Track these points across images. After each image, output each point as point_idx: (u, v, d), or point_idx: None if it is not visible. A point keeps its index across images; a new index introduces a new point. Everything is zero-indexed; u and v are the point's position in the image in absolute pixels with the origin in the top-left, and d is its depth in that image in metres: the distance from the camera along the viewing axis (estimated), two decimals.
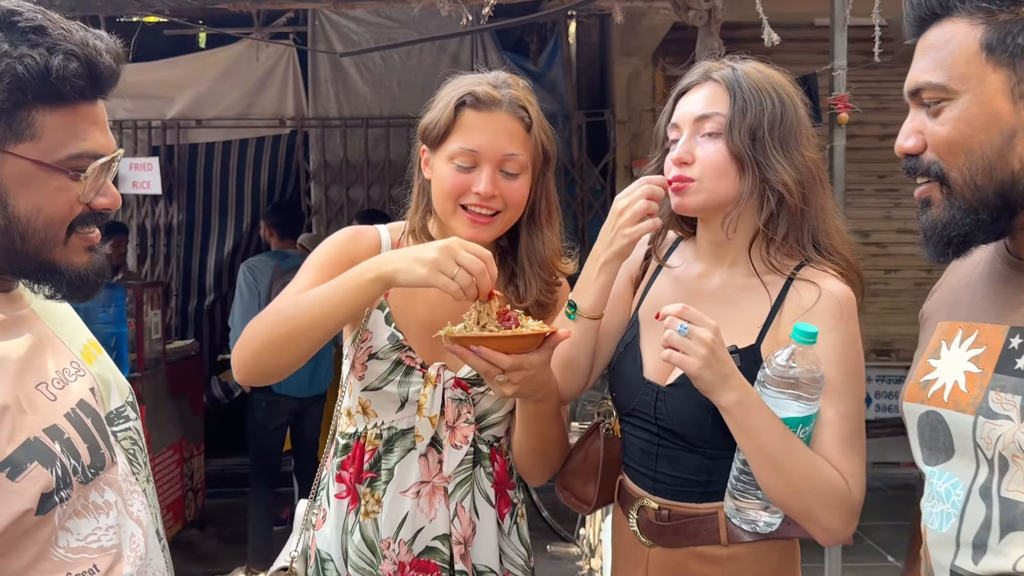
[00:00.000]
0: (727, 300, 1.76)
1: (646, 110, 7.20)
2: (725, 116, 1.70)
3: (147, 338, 5.46)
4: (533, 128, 1.82)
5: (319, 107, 7.47)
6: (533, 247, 1.89)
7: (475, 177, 1.77)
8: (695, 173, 1.71)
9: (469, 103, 1.79)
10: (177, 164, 7.65)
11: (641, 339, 1.83)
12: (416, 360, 1.85)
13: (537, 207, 1.89)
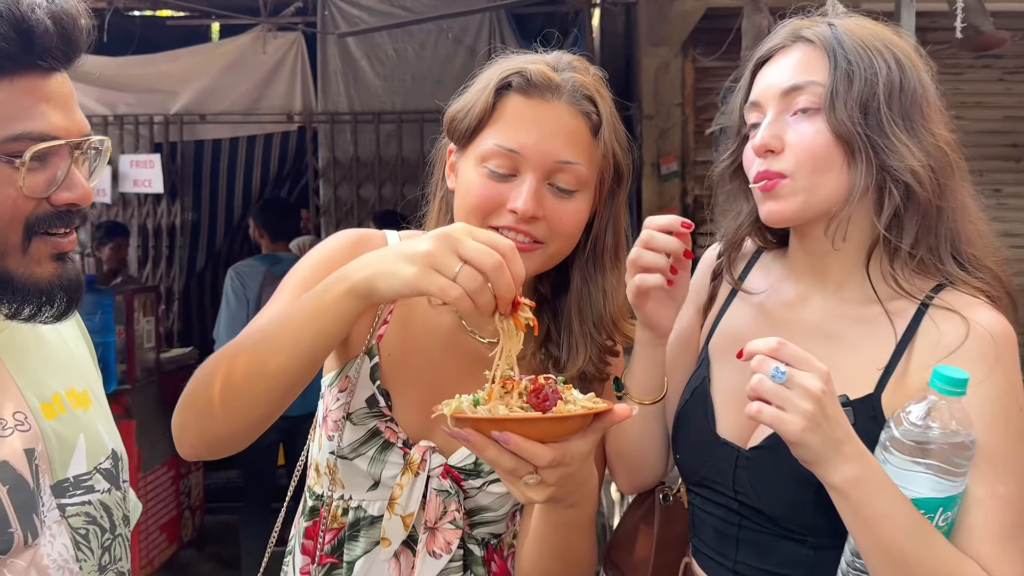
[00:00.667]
0: (833, 336, 1.35)
1: (675, 104, 6.79)
2: (824, 85, 1.29)
3: (139, 347, 5.10)
4: (603, 130, 1.38)
5: (329, 102, 7.14)
6: (589, 298, 1.42)
7: (513, 189, 1.33)
8: (787, 165, 1.30)
9: (516, 85, 1.35)
10: (180, 162, 7.35)
11: (712, 384, 1.42)
12: (399, 435, 1.42)
13: (600, 243, 1.44)
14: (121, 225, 6.88)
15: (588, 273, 1.43)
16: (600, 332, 1.42)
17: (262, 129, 7.38)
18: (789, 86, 1.33)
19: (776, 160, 1.32)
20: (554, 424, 1.08)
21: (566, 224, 1.36)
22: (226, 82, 7.16)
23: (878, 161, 1.28)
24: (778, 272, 1.48)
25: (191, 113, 7.22)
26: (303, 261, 1.46)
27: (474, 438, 1.09)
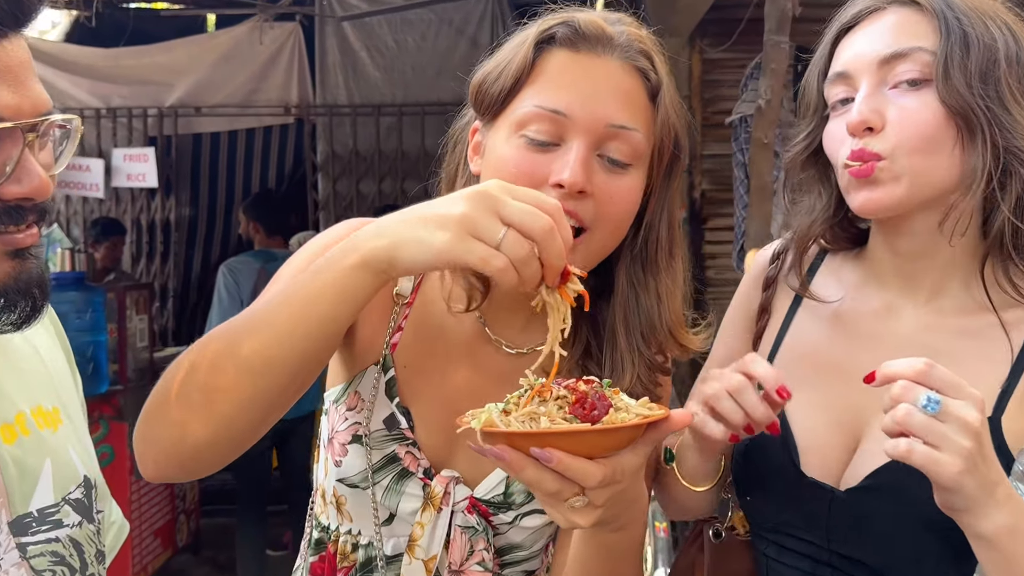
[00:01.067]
0: (933, 350, 1.14)
1: (682, 95, 6.54)
2: (933, 52, 1.12)
3: (131, 346, 4.92)
4: (662, 94, 1.16)
5: (327, 94, 7.00)
6: (637, 305, 1.18)
7: (556, 160, 1.11)
8: (887, 145, 1.12)
9: (562, 38, 1.14)
10: (175, 156, 7.22)
11: (788, 411, 1.22)
12: (419, 462, 1.22)
13: (653, 235, 1.20)
14: (117, 222, 6.71)
15: (636, 274, 1.20)
16: (650, 346, 1.19)
17: (259, 122, 7.22)
18: (889, 53, 1.14)
19: (875, 139, 1.13)
20: (604, 437, 0.91)
21: (617, 205, 1.13)
22: (222, 74, 7.01)
23: (1002, 140, 1.10)
24: (854, 277, 1.29)
25: (186, 106, 7.07)
26: (299, 252, 1.26)
27: (509, 456, 0.91)
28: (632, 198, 1.15)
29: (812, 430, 1.20)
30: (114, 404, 4.70)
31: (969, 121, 1.10)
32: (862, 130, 1.14)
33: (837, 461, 1.17)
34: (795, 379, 1.23)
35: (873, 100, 1.14)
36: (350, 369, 1.26)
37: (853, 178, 1.15)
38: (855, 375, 1.18)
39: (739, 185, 4.17)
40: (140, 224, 7.24)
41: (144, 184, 6.73)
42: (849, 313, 1.26)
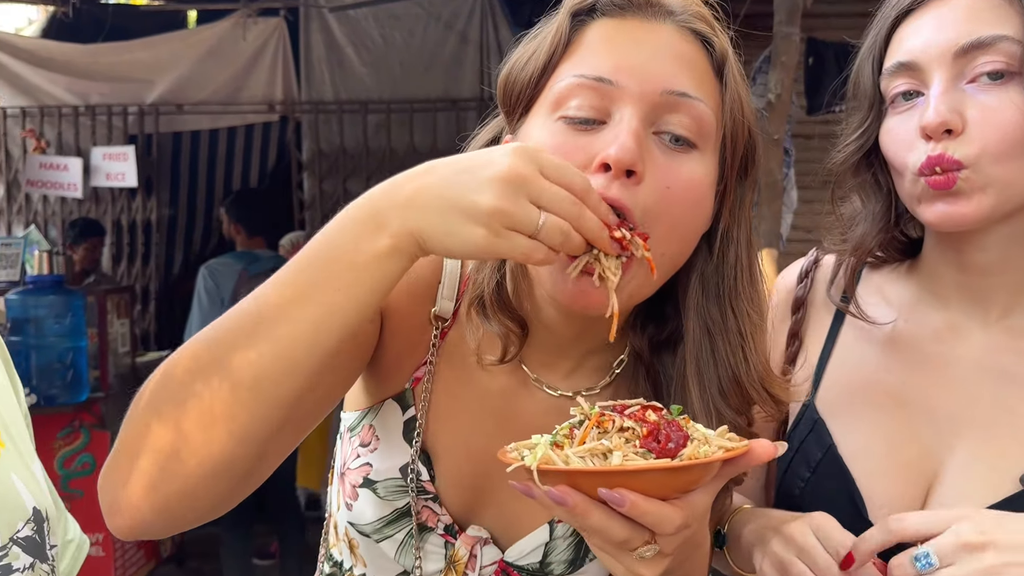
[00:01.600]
0: (1008, 377, 1.04)
1: None
2: (1019, 41, 0.98)
3: (112, 351, 4.76)
4: (729, 68, 0.98)
5: (312, 91, 6.84)
6: (711, 349, 0.97)
7: (603, 136, 0.92)
8: (969, 151, 0.98)
9: (604, 5, 0.98)
10: (157, 154, 7.03)
11: (844, 452, 1.09)
12: (440, 518, 1.06)
13: (732, 248, 0.99)
14: (96, 223, 6.54)
15: (711, 314, 0.97)
16: (734, 405, 0.97)
17: (243, 120, 7.04)
18: (969, 43, 1.00)
19: (955, 144, 1.00)
20: (682, 475, 0.79)
21: (679, 193, 0.91)
22: (204, 70, 6.83)
23: None
24: (907, 293, 1.15)
25: (167, 103, 6.88)
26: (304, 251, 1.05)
27: (572, 500, 0.77)
28: (699, 187, 0.94)
29: (875, 473, 1.07)
30: (95, 412, 4.54)
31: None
32: (940, 133, 1.00)
33: (909, 507, 1.04)
34: (848, 415, 1.11)
35: (951, 98, 1.00)
36: (371, 395, 1.10)
37: (929, 188, 1.01)
38: (919, 406, 1.07)
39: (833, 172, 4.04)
40: (120, 225, 7.07)
41: (124, 184, 6.57)
42: (905, 336, 1.12)
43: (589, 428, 0.82)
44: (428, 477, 1.05)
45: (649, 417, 0.82)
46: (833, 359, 1.16)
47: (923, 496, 1.05)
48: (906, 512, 0.94)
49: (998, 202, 1.00)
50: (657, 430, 0.80)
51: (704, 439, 0.82)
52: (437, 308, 1.05)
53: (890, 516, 0.94)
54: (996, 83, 1.00)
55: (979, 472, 1.01)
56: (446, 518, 1.06)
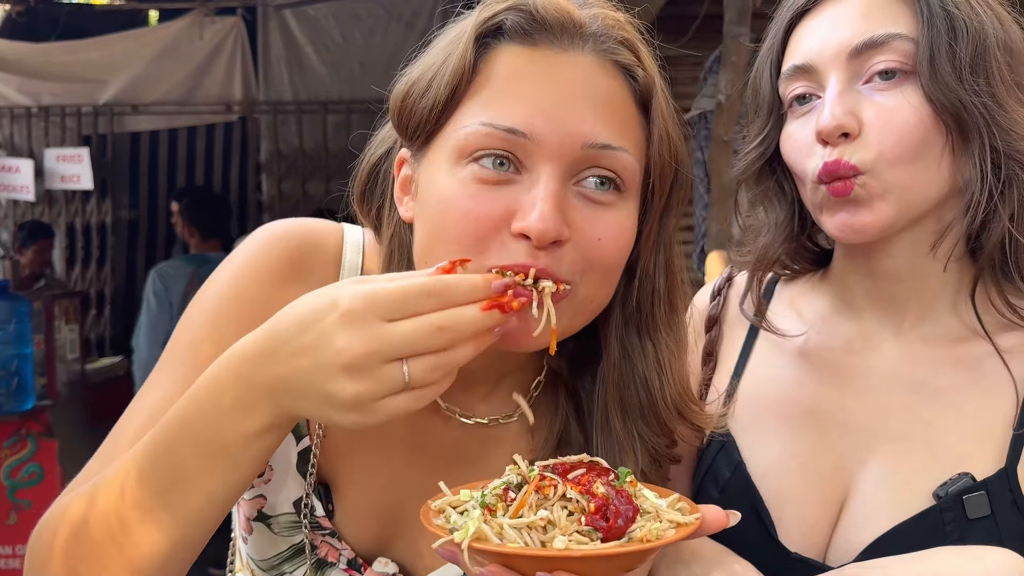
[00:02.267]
0: (925, 387, 1.00)
1: None
2: (914, 39, 0.95)
3: (60, 358, 4.64)
4: (656, 100, 0.90)
5: (271, 91, 6.76)
6: (634, 377, 0.94)
7: (519, 196, 0.84)
8: (867, 155, 0.94)
9: (512, 27, 0.88)
10: (111, 155, 6.92)
11: (752, 471, 1.05)
12: (342, 553, 0.99)
13: (649, 287, 0.95)
14: (45, 225, 6.39)
15: (631, 340, 0.94)
16: (655, 429, 0.95)
17: (199, 120, 6.95)
18: (862, 42, 0.97)
19: (851, 147, 0.95)
20: (633, 557, 0.74)
21: (605, 250, 0.86)
22: (160, 70, 6.72)
23: (1000, 142, 0.94)
24: (820, 304, 1.11)
25: (122, 103, 6.77)
26: (203, 302, 0.97)
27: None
28: (624, 238, 0.89)
29: (786, 492, 1.03)
30: (43, 420, 4.43)
31: (961, 121, 0.93)
32: (837, 136, 0.96)
33: (822, 526, 1.00)
34: (759, 432, 1.07)
35: (846, 99, 0.96)
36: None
37: (830, 196, 0.97)
38: (832, 419, 1.04)
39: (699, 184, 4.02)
40: (75, 228, 6.94)
41: (78, 186, 6.42)
42: (818, 348, 1.08)
43: (527, 495, 0.76)
44: (323, 512, 0.98)
45: (597, 490, 0.76)
46: (746, 375, 1.13)
47: (836, 514, 1.01)
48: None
49: (899, 209, 0.96)
50: (606, 506, 0.74)
51: (655, 512, 0.77)
52: None
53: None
54: (891, 82, 0.96)
55: (892, 487, 0.98)
56: (348, 552, 0.99)
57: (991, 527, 0.91)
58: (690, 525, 0.77)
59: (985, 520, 0.91)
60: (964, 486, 0.92)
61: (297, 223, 1.00)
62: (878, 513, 0.97)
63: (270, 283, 0.94)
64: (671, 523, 0.77)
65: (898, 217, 0.96)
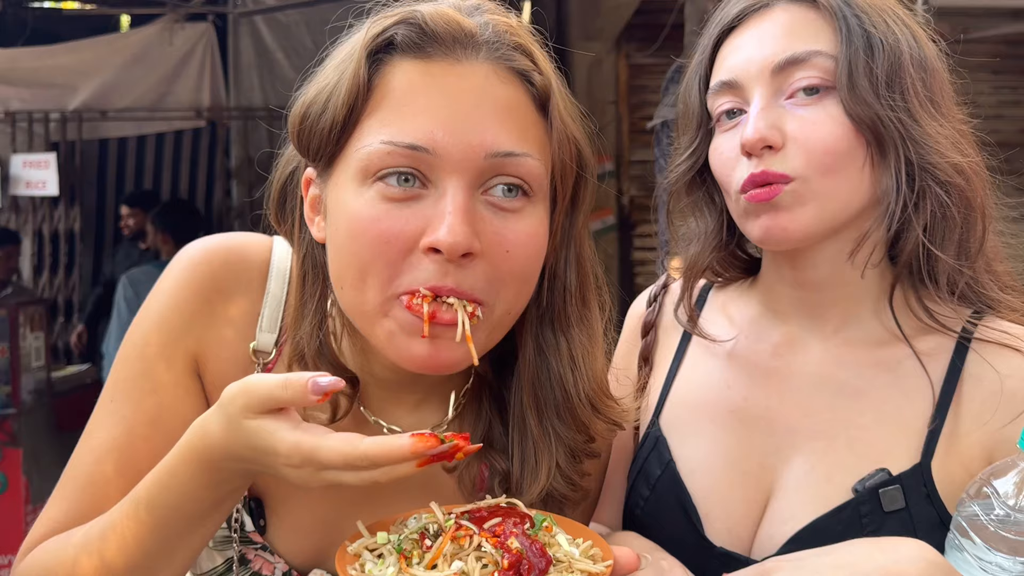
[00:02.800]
0: (846, 388, 1.04)
1: (609, 102, 6.56)
2: (833, 56, 0.99)
3: (25, 367, 4.61)
4: (553, 101, 0.91)
5: (241, 96, 6.74)
6: (548, 375, 0.94)
7: (426, 211, 0.85)
8: (793, 165, 0.98)
9: (403, 42, 0.88)
10: (80, 162, 6.84)
11: (682, 470, 1.08)
12: (275, 566, 1.00)
13: (560, 285, 0.96)
14: (12, 232, 6.32)
15: (545, 337, 0.95)
16: (571, 426, 0.96)
17: (169, 126, 6.90)
18: (785, 59, 1.00)
19: (776, 159, 0.99)
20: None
21: (518, 259, 0.87)
22: (129, 76, 6.67)
23: (915, 155, 0.98)
24: (748, 310, 1.15)
25: (91, 109, 6.70)
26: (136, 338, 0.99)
27: None
28: (535, 245, 0.89)
29: (713, 489, 1.06)
30: (6, 429, 4.41)
31: (879, 135, 0.98)
32: (760, 149, 0.99)
33: (746, 522, 1.04)
34: (688, 432, 1.11)
35: (770, 114, 1.00)
36: None
37: (751, 203, 1.00)
38: (759, 420, 1.08)
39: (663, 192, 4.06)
40: (42, 235, 6.84)
41: (45, 192, 6.34)
42: (746, 352, 1.12)
43: (443, 545, 0.78)
44: (253, 527, 0.99)
45: (511, 545, 0.77)
46: (679, 378, 1.17)
47: (761, 509, 1.04)
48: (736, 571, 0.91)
49: (819, 217, 0.99)
50: (519, 562, 0.76)
51: (567, 563, 0.78)
52: (256, 343, 0.99)
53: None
54: (812, 97, 1.00)
55: (814, 483, 1.01)
56: (282, 566, 1.00)
57: (905, 519, 0.95)
58: (601, 574, 0.78)
59: (900, 512, 0.95)
60: (880, 480, 0.96)
61: (220, 240, 1.01)
62: (800, 508, 1.00)
63: (192, 310, 0.96)
64: (583, 573, 0.78)
65: (819, 224, 1.00)
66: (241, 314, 0.98)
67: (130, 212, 5.93)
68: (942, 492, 0.96)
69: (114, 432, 0.95)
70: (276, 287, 0.99)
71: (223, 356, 0.97)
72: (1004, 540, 0.82)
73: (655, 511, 1.09)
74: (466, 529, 0.79)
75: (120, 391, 0.97)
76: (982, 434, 0.97)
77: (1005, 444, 0.94)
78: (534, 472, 0.94)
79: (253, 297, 0.98)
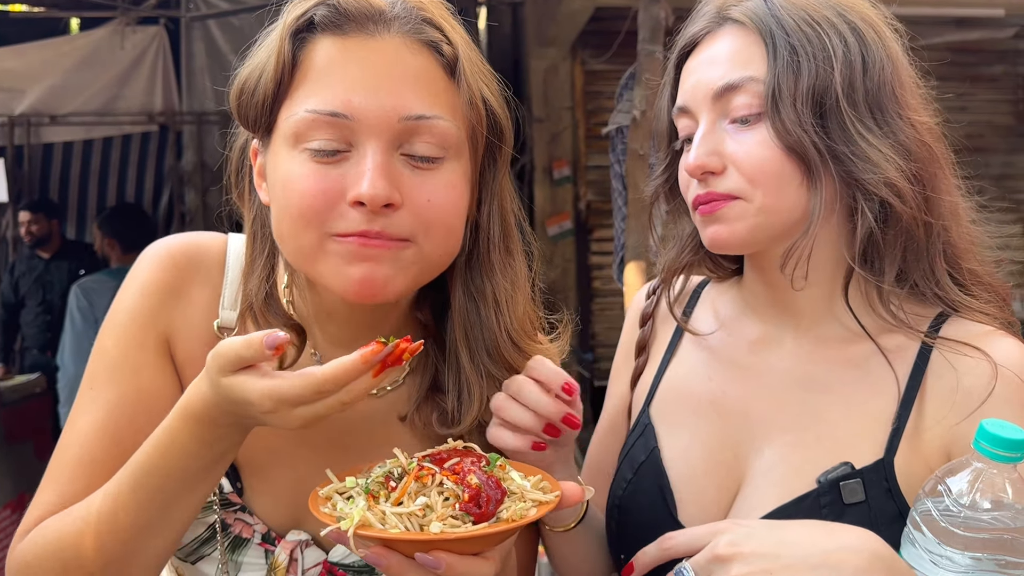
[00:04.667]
0: (816, 383, 1.08)
1: (565, 108, 6.59)
2: (764, 81, 1.02)
3: None
4: (461, 66, 1.00)
5: (194, 101, 6.66)
6: (477, 318, 1.05)
7: (349, 171, 0.95)
8: (733, 187, 1.03)
9: (322, 22, 0.97)
10: (28, 167, 6.70)
11: (665, 458, 1.14)
12: (255, 528, 1.07)
13: (484, 235, 1.07)
14: None
15: (472, 282, 1.06)
16: (497, 363, 1.06)
17: (119, 130, 6.80)
18: (722, 86, 1.05)
19: (719, 181, 1.05)
20: (507, 534, 0.86)
21: (438, 208, 0.97)
22: (79, 79, 6.56)
23: (844, 174, 1.02)
24: (731, 307, 1.21)
25: (39, 114, 6.59)
26: (110, 329, 1.08)
27: (388, 562, 0.84)
28: (455, 195, 0.99)
29: (690, 476, 1.11)
30: None
31: (806, 157, 1.01)
32: (701, 175, 1.05)
33: (717, 508, 1.08)
34: (674, 422, 1.16)
35: (710, 139, 1.05)
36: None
37: (699, 216, 1.08)
38: (736, 413, 1.13)
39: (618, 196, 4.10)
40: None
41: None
42: (727, 346, 1.18)
43: (408, 484, 0.86)
44: (232, 489, 1.06)
45: (471, 480, 0.85)
46: (670, 368, 1.22)
47: (732, 497, 1.09)
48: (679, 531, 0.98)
49: (757, 226, 1.04)
50: (478, 495, 0.84)
51: (520, 492, 0.87)
52: (220, 320, 1.09)
53: (663, 535, 0.98)
54: (747, 125, 1.04)
55: (781, 474, 1.05)
56: (260, 527, 1.07)
57: (864, 512, 0.98)
58: (551, 502, 0.88)
59: (860, 505, 0.99)
60: (842, 474, 1.00)
61: (180, 238, 1.11)
62: (766, 497, 1.04)
63: (160, 298, 1.07)
64: (534, 502, 0.87)
65: (759, 233, 1.05)
66: (204, 298, 1.08)
67: (32, 218, 5.74)
68: (903, 487, 0.99)
69: (98, 415, 1.03)
70: (234, 271, 1.09)
71: (191, 336, 1.07)
72: (955, 536, 0.84)
73: (635, 493, 1.14)
74: (428, 469, 0.87)
75: (99, 379, 1.05)
76: (941, 430, 1.00)
77: (961, 440, 0.97)
78: (468, 403, 1.05)
79: (214, 282, 1.09)
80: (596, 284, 6.39)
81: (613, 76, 5.61)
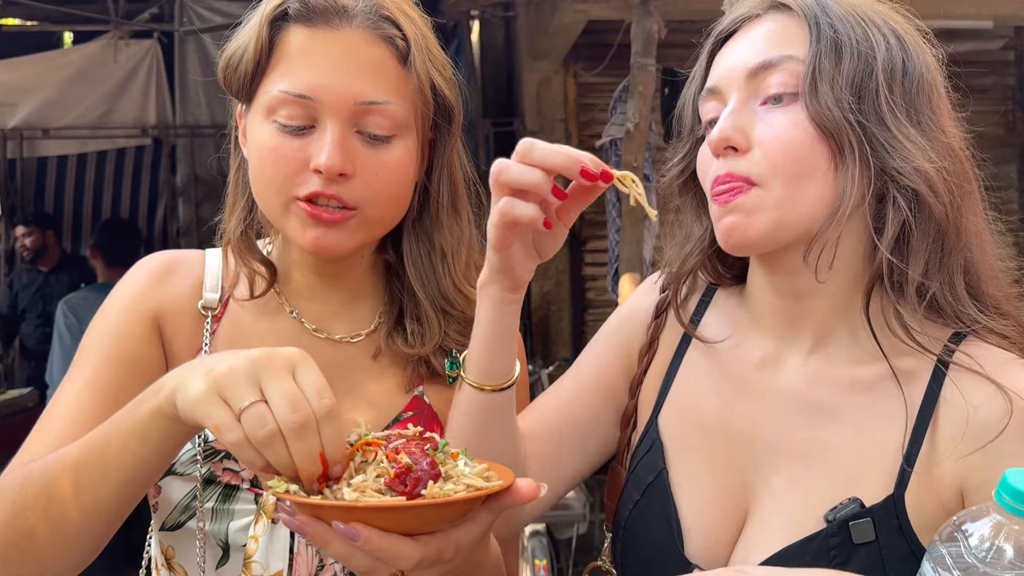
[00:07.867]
0: (823, 408, 1.02)
1: (558, 119, 6.61)
2: (803, 61, 0.99)
3: None
4: (412, 57, 1.14)
5: (188, 114, 6.65)
6: (428, 265, 1.22)
7: (312, 143, 1.10)
8: (757, 169, 0.98)
9: (294, 13, 1.12)
10: (21, 181, 6.71)
11: (673, 482, 1.08)
12: (242, 474, 1.13)
13: (432, 197, 1.22)
14: None
15: (420, 235, 1.22)
16: (449, 299, 1.22)
17: (113, 144, 6.79)
18: (758, 64, 1.01)
19: (741, 161, 1.00)
20: (426, 512, 0.83)
21: (384, 178, 1.12)
22: (73, 93, 6.57)
23: (877, 161, 0.97)
24: (739, 316, 1.14)
25: (32, 127, 6.59)
26: (100, 315, 1.19)
27: (311, 529, 0.84)
28: (401, 169, 1.14)
29: (698, 504, 1.06)
30: None
31: (840, 139, 0.97)
32: (723, 149, 1.00)
33: (724, 539, 1.03)
34: (682, 440, 1.11)
35: (739, 116, 1.00)
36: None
37: (717, 205, 1.01)
38: (743, 435, 1.07)
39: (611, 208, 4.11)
40: None
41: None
42: (734, 361, 1.11)
43: (351, 455, 0.87)
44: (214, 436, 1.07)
45: (401, 459, 0.84)
46: (678, 378, 1.15)
47: (739, 529, 1.03)
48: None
49: (780, 221, 0.99)
50: (406, 473, 0.83)
51: (457, 477, 0.85)
52: (203, 301, 1.20)
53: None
54: (782, 104, 1.00)
55: (789, 508, 1.00)
56: (247, 472, 1.13)
57: (875, 552, 0.94)
58: (485, 489, 0.85)
59: (870, 545, 0.94)
60: (852, 512, 0.94)
61: (164, 251, 1.26)
62: (772, 533, 0.99)
63: (149, 282, 1.20)
64: (468, 487, 0.85)
65: (778, 230, 0.99)
66: (188, 283, 1.21)
67: (26, 231, 5.74)
68: (915, 523, 0.95)
69: (85, 374, 1.12)
70: (213, 264, 1.23)
71: (178, 312, 1.19)
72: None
73: (643, 518, 1.09)
74: (375, 442, 0.89)
75: (87, 350, 1.15)
76: (953, 463, 0.95)
77: (974, 473, 0.93)
78: (429, 333, 1.19)
79: (196, 272, 1.22)
80: (590, 295, 6.39)
81: (606, 88, 5.64)
